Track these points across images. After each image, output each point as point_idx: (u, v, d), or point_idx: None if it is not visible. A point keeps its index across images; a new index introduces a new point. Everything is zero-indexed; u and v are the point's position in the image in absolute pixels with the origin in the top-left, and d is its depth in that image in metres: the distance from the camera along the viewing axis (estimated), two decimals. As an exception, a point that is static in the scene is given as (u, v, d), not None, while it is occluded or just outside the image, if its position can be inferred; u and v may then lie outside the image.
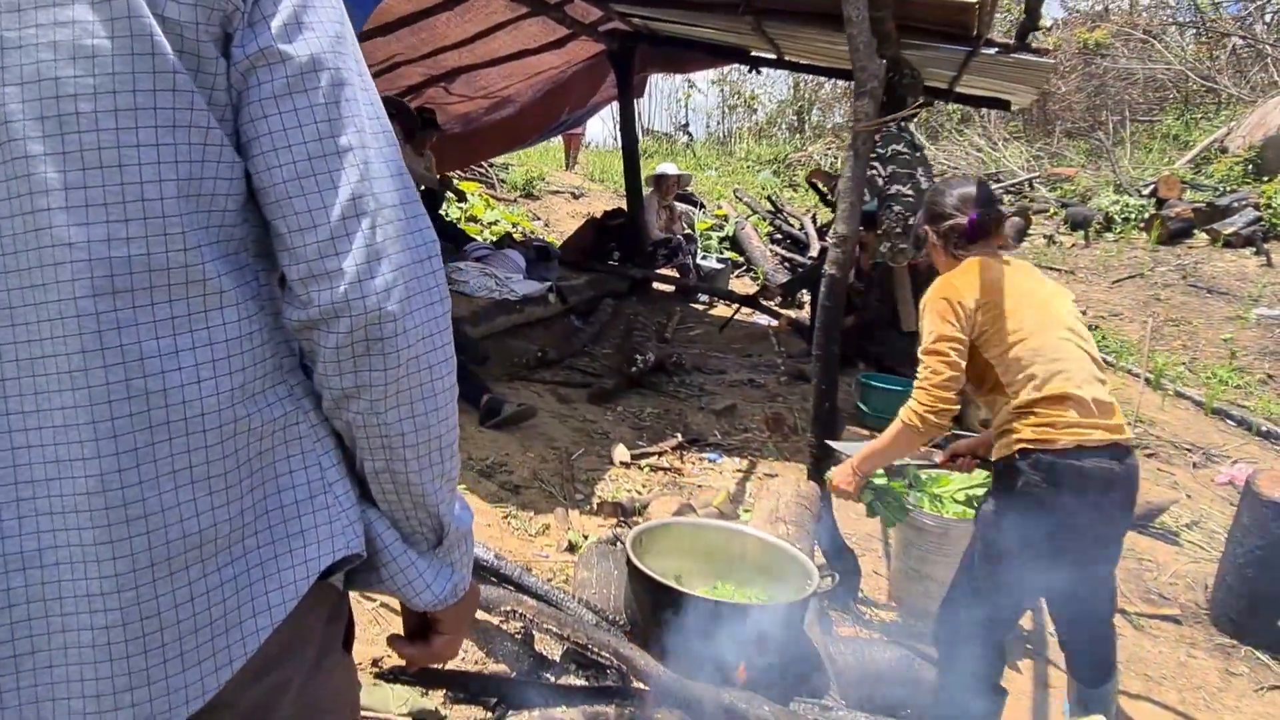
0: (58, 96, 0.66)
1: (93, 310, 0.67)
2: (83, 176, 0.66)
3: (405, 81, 6.57)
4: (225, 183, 0.72)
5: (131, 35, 0.66)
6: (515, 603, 2.44)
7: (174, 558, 0.71)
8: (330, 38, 0.74)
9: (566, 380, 5.14)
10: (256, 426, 0.76)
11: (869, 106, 2.86)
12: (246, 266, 0.76)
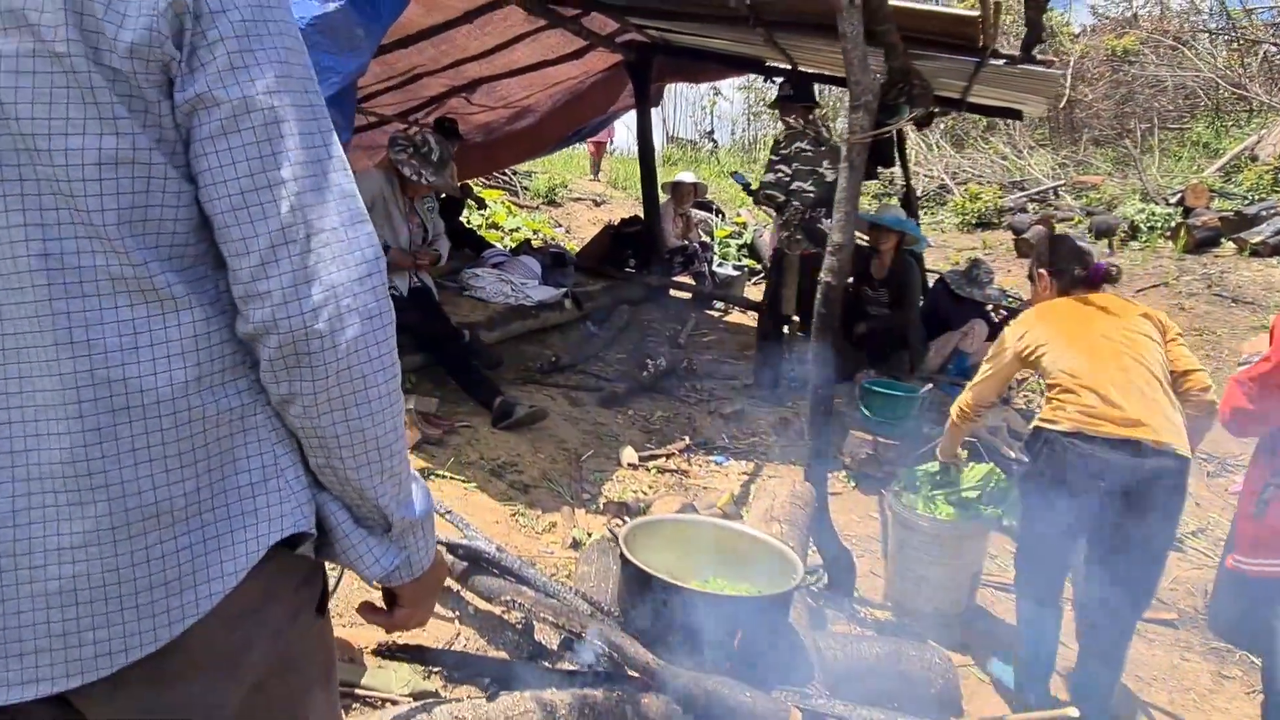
0: (19, 134, 0.78)
1: (65, 310, 0.80)
2: (53, 200, 0.79)
3: (427, 92, 6.73)
4: (172, 209, 0.83)
5: (79, 86, 0.77)
6: (515, 593, 2.55)
7: (132, 524, 0.82)
8: (268, 79, 0.82)
9: (579, 384, 5.26)
10: (212, 414, 0.86)
11: (863, 119, 2.94)
12: (205, 277, 0.86)
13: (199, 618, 0.85)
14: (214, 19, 0.80)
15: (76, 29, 0.76)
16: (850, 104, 2.96)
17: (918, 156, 16.37)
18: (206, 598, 0.85)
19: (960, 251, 11.95)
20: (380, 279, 0.88)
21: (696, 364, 5.77)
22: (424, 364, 4.44)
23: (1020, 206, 13.80)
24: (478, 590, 2.65)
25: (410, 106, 6.99)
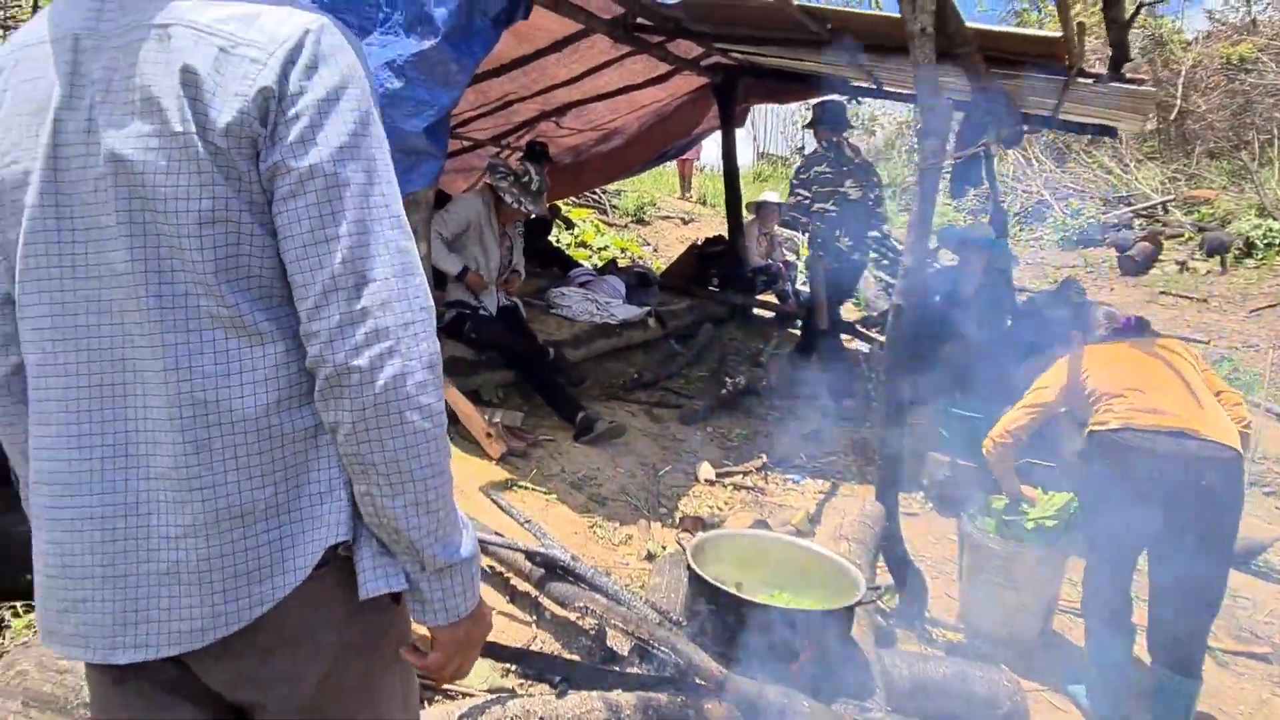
0: (146, 197, 0.96)
1: (174, 341, 0.97)
2: (168, 251, 0.97)
3: (519, 117, 7.00)
4: (259, 259, 0.99)
5: (190, 159, 0.95)
6: (588, 600, 2.67)
7: (221, 521, 0.99)
8: (333, 148, 0.96)
9: (661, 401, 5.38)
10: (289, 432, 1.02)
11: (936, 145, 2.99)
12: (287, 315, 1.02)
13: (274, 604, 1.00)
14: (293, 100, 0.96)
15: (190, 113, 0.94)
16: (923, 130, 3.01)
17: (1016, 172, 15.97)
18: (281, 587, 1.01)
19: (1059, 270, 11.63)
20: (427, 327, 1.01)
21: (776, 382, 5.82)
22: (510, 379, 4.64)
23: (1125, 223, 13.32)
24: (553, 596, 2.78)
25: (503, 130, 7.28)
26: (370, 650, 1.11)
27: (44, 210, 0.99)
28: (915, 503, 4.39)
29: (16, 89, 1.03)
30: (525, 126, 7.22)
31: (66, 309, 1.00)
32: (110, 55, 0.98)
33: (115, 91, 0.97)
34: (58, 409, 1.02)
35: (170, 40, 0.95)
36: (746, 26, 5.32)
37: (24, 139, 1.01)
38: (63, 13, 1.02)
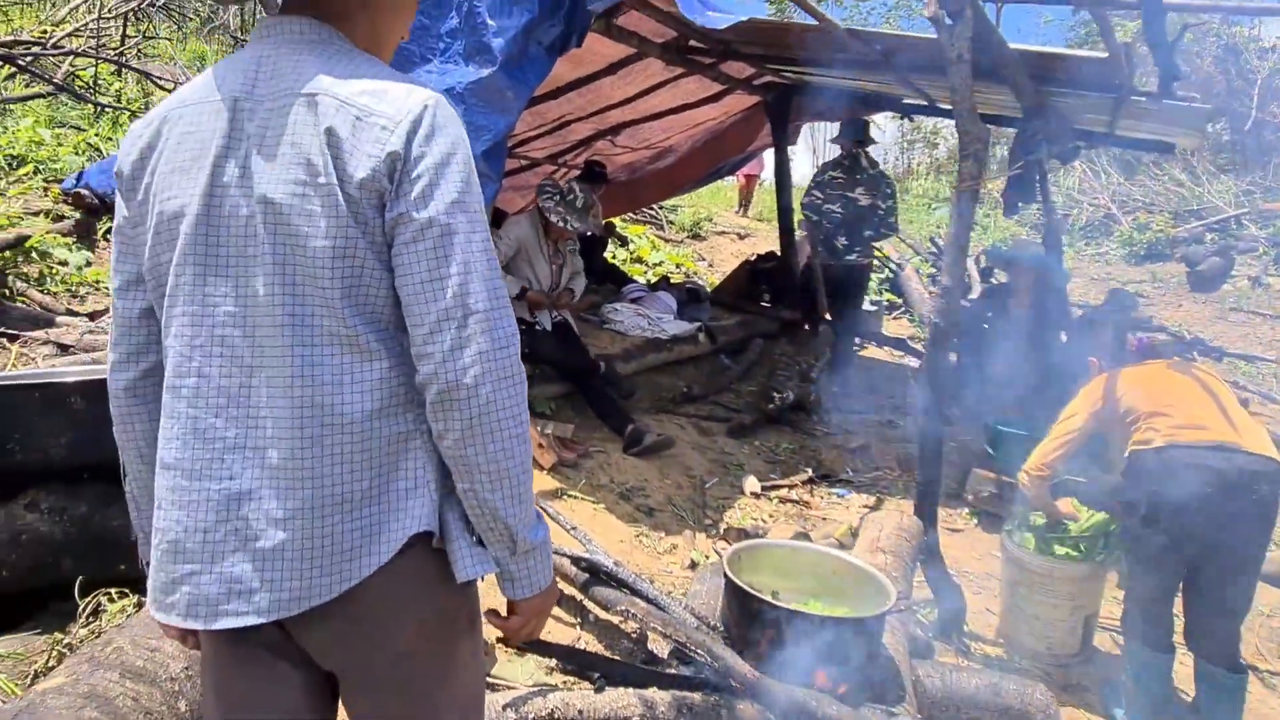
0: (290, 234, 1.15)
1: (301, 354, 1.16)
2: (303, 278, 1.16)
3: (575, 136, 7.21)
4: (375, 289, 1.18)
5: (328, 204, 1.14)
6: (629, 604, 2.80)
7: (324, 506, 1.17)
8: (446, 203, 1.15)
9: (710, 414, 5.49)
10: (386, 435, 1.20)
11: (973, 168, 3.06)
12: (395, 338, 1.21)
13: (360, 580, 1.18)
14: (415, 162, 1.15)
15: (332, 168, 1.14)
16: (960, 153, 3.08)
17: (1082, 185, 15.68)
18: (368, 566, 1.18)
19: (1126, 285, 11.39)
20: (515, 350, 1.19)
21: (825, 398, 5.88)
22: (563, 392, 4.80)
23: (1196, 237, 12.97)
24: (597, 600, 2.92)
25: (559, 150, 7.49)
26: (447, 624, 1.28)
27: (197, 239, 1.19)
28: (960, 519, 4.42)
29: (179, 139, 1.23)
30: (581, 145, 7.43)
31: (209, 322, 1.20)
32: (264, 116, 1.18)
33: (269, 145, 1.17)
34: (187, 406, 1.21)
35: (317, 107, 1.16)
36: (796, 48, 5.43)
37: (184, 180, 1.21)
38: (223, 78, 1.23)
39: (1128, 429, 3.03)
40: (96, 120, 6.58)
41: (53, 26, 7.85)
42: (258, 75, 1.21)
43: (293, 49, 1.22)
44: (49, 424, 1.96)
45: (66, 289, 4.33)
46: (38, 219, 4.81)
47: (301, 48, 1.22)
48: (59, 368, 2.45)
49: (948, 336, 3.22)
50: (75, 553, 1.98)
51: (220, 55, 10.85)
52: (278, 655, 1.25)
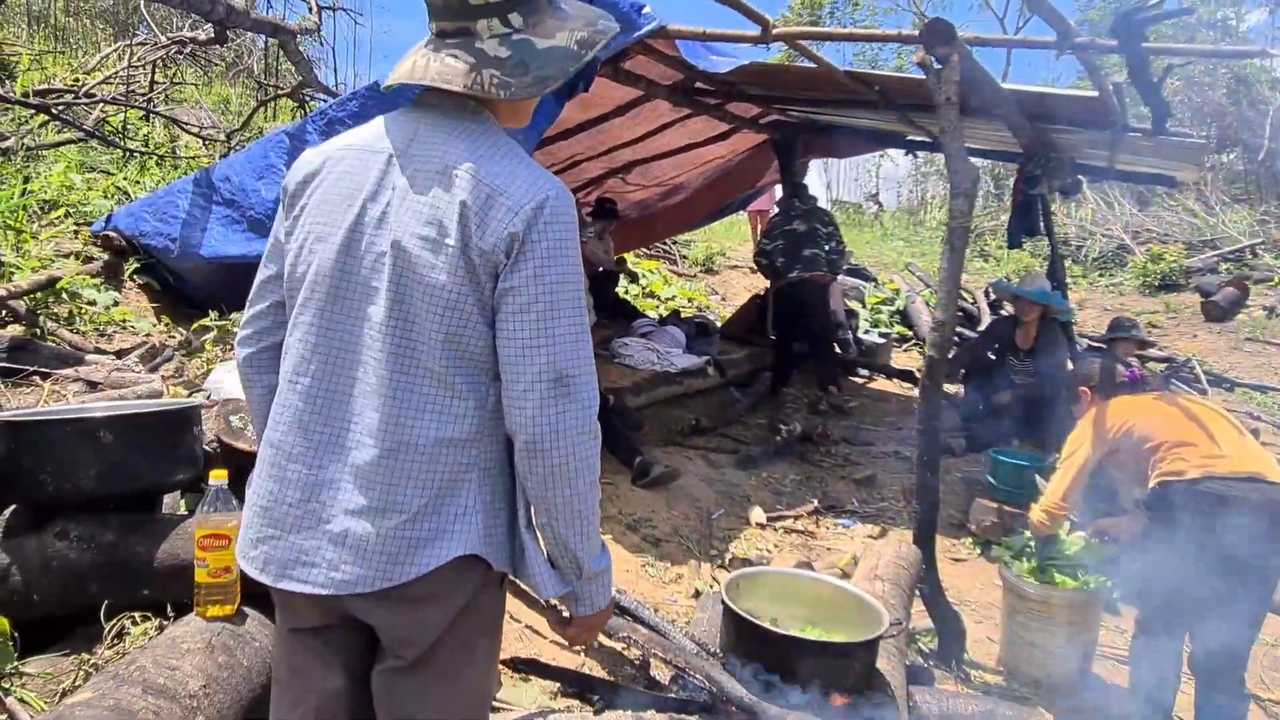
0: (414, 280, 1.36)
1: (397, 379, 1.37)
2: (415, 317, 1.36)
3: (587, 175, 7.38)
4: (474, 340, 1.37)
5: (450, 262, 1.33)
6: (631, 630, 2.89)
7: (387, 510, 1.36)
8: (550, 284, 1.33)
9: (718, 447, 5.57)
10: (449, 462, 1.38)
11: (963, 205, 3.16)
12: (481, 382, 1.40)
13: (403, 582, 1.36)
14: (532, 245, 1.33)
15: (459, 234, 1.33)
16: (951, 192, 3.19)
17: (1095, 216, 15.72)
18: (409, 574, 1.36)
19: (1139, 315, 11.41)
20: (594, 410, 1.37)
21: (832, 429, 5.95)
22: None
23: (1211, 267, 12.99)
24: (600, 627, 3.00)
25: (571, 188, 7.66)
26: (481, 616, 1.48)
27: (334, 264, 1.41)
28: (964, 548, 4.46)
29: (338, 176, 1.44)
30: (593, 184, 7.60)
31: (330, 334, 1.42)
32: (411, 173, 1.39)
33: (409, 201, 1.37)
34: (299, 400, 1.42)
35: (456, 179, 1.36)
36: (799, 89, 5.58)
37: (334, 213, 1.42)
38: (386, 133, 1.44)
39: (1143, 457, 3.06)
40: (125, 164, 6.81)
41: (85, 75, 8.15)
42: (414, 137, 1.41)
43: (448, 120, 1.42)
44: (79, 456, 2.08)
45: (94, 328, 4.50)
46: (68, 260, 5.00)
47: (455, 121, 1.42)
48: (89, 403, 2.59)
49: (942, 370, 3.30)
50: (102, 578, 2.09)
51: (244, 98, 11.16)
52: (331, 635, 1.48)
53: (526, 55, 1.42)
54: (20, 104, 5.82)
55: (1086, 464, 3.20)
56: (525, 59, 1.42)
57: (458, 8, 1.42)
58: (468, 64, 1.40)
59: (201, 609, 2.05)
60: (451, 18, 1.42)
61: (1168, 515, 2.92)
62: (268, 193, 4.21)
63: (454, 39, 1.43)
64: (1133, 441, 3.10)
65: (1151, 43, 3.30)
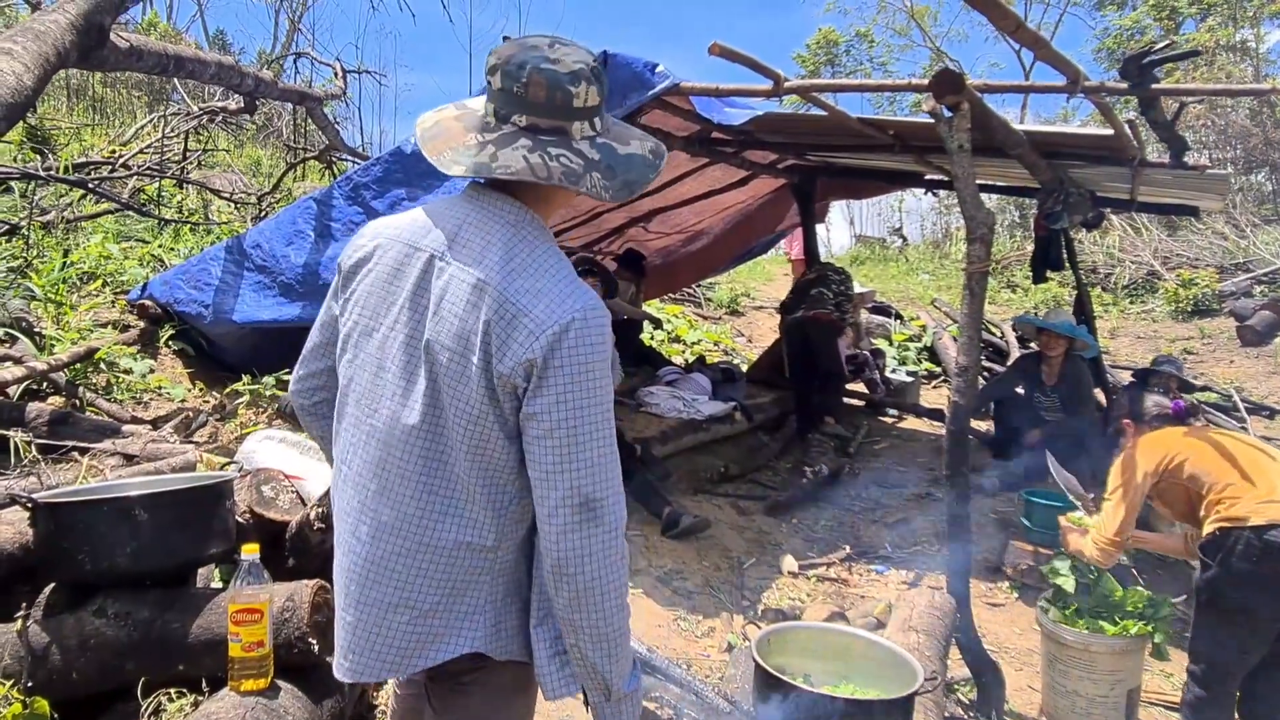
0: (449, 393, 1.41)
1: (422, 481, 1.44)
2: (448, 429, 1.43)
3: (608, 225, 7.48)
4: (497, 455, 1.41)
5: (472, 378, 1.38)
6: (663, 690, 2.87)
7: (398, 605, 1.44)
8: (573, 408, 1.35)
9: (747, 493, 5.54)
10: (462, 564, 1.44)
11: (980, 250, 3.17)
12: (505, 493, 1.44)
13: (413, 671, 1.47)
14: (551, 373, 1.34)
15: (480, 353, 1.37)
16: (967, 237, 3.20)
17: (1122, 242, 15.58)
18: (423, 663, 1.47)
19: (1173, 342, 11.25)
20: (621, 532, 1.41)
21: (863, 471, 5.90)
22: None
23: (1244, 290, 12.79)
24: (632, 686, 2.98)
25: (594, 238, 7.76)
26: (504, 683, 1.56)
27: (375, 362, 1.48)
28: (1000, 593, 4.39)
29: (385, 266, 1.50)
30: (614, 234, 7.69)
31: (365, 427, 1.49)
32: (446, 280, 1.42)
33: (443, 309, 1.41)
34: (346, 487, 1.53)
35: (484, 295, 1.38)
36: (814, 136, 5.64)
37: (379, 305, 1.49)
38: (431, 228, 1.49)
39: (1193, 495, 3.02)
40: (160, 232, 7.02)
41: (120, 147, 8.44)
42: (455, 237, 1.45)
43: (490, 220, 1.46)
44: (116, 535, 2.13)
45: (131, 396, 4.61)
46: (105, 330, 5.14)
47: (496, 222, 1.45)
48: (124, 479, 2.65)
49: (968, 415, 3.28)
50: (138, 655, 2.12)
51: (275, 159, 11.49)
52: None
53: (612, 160, 1.47)
54: (61, 180, 6.03)
55: (1139, 495, 3.13)
56: (612, 164, 1.46)
57: (562, 108, 1.43)
58: (578, 165, 1.43)
59: (235, 683, 2.07)
60: (551, 115, 1.44)
61: (1227, 562, 2.83)
62: (296, 258, 4.31)
63: (549, 135, 1.44)
64: (1182, 478, 3.04)
65: (1162, 83, 3.31)
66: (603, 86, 1.49)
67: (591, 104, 1.45)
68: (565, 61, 1.43)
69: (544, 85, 1.42)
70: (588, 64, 1.45)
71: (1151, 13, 20.82)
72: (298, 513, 2.69)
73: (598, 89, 1.47)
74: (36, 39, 3.33)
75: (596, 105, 1.47)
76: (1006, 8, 2.84)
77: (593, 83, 1.45)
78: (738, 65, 3.58)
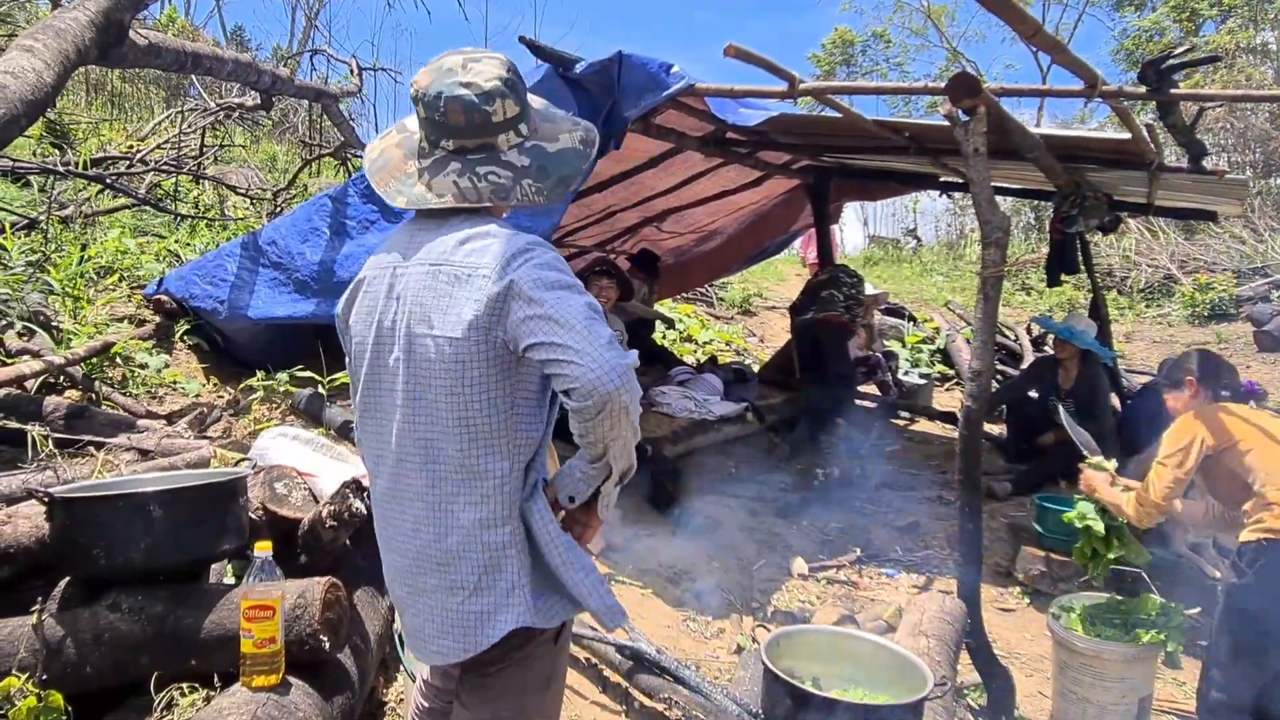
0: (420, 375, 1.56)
1: (430, 471, 1.57)
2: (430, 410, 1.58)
3: (622, 225, 7.47)
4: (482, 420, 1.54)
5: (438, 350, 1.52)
6: (672, 691, 2.87)
7: (451, 589, 1.57)
8: (552, 303, 1.45)
9: (758, 495, 5.54)
10: (488, 542, 1.56)
11: (995, 254, 3.15)
12: (498, 463, 1.55)
13: (475, 653, 1.59)
14: (515, 286, 1.47)
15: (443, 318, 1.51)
16: (982, 241, 3.18)
17: (1138, 245, 15.46)
18: (474, 645, 1.59)
19: (1189, 347, 11.17)
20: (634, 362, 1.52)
21: (874, 474, 5.88)
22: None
23: (1262, 295, 12.68)
24: (640, 687, 2.99)
25: (608, 237, 7.76)
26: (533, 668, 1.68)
27: (370, 374, 1.62)
28: (1012, 598, 4.37)
29: (363, 294, 1.66)
30: (628, 233, 7.69)
31: (380, 440, 1.64)
32: (406, 280, 1.56)
33: (409, 304, 1.54)
34: (379, 497, 1.68)
35: (438, 273, 1.52)
36: (828, 137, 5.62)
37: (362, 327, 1.64)
38: (391, 247, 1.64)
39: (1239, 488, 2.94)
40: (176, 227, 7.06)
41: (138, 142, 8.50)
42: (408, 244, 1.60)
43: (435, 223, 1.59)
44: (131, 531, 2.14)
45: (146, 390, 4.64)
46: (122, 325, 5.18)
47: (440, 221, 1.58)
48: (139, 475, 2.67)
49: (981, 420, 3.26)
50: (152, 649, 2.14)
51: (291, 156, 11.54)
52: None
53: (543, 160, 1.58)
54: (79, 176, 6.08)
55: (1193, 466, 2.98)
56: (544, 164, 1.57)
57: (483, 127, 1.56)
58: (506, 179, 1.55)
59: (247, 679, 2.08)
60: (475, 135, 1.56)
61: (1265, 576, 2.77)
62: (312, 255, 4.33)
63: (476, 154, 1.57)
64: (1237, 464, 2.94)
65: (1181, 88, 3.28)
66: (520, 94, 1.59)
67: (511, 115, 1.57)
68: (478, 82, 1.53)
69: (461, 110, 1.53)
70: (501, 77, 1.55)
71: (1171, 14, 20.65)
72: (310, 510, 2.70)
73: (514, 99, 1.57)
74: (57, 36, 3.36)
75: (518, 113, 1.58)
76: (1025, 12, 2.83)
77: (508, 96, 1.56)
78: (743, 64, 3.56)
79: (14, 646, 2.07)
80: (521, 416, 1.57)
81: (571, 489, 1.63)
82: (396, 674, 2.87)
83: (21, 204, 6.23)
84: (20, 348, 4.27)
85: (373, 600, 2.79)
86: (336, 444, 3.07)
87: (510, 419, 1.55)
